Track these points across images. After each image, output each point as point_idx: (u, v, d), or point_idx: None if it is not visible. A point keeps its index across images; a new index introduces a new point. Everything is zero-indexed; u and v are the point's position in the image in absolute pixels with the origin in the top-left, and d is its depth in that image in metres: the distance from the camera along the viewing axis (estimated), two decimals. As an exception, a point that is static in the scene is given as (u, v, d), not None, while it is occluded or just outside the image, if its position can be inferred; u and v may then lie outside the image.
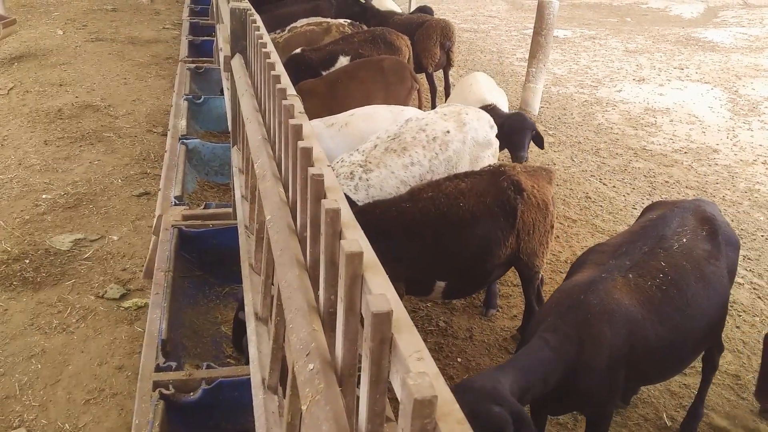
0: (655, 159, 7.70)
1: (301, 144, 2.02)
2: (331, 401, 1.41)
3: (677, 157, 7.81)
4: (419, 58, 7.66)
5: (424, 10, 8.57)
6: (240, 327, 3.66)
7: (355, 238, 1.51)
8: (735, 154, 7.94)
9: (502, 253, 3.72)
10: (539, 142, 5.44)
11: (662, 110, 9.44)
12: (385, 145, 4.37)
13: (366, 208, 3.68)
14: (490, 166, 4.10)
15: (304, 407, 1.46)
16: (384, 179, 4.23)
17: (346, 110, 5.07)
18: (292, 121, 2.20)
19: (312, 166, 1.98)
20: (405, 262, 3.57)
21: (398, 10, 9.74)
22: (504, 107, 5.85)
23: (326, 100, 5.43)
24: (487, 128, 4.67)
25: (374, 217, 3.56)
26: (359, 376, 1.51)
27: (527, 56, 9.47)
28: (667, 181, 7.09)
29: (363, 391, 1.31)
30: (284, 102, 2.39)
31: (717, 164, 7.64)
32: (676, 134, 8.55)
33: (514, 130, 5.21)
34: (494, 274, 3.93)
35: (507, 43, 13.45)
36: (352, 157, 4.34)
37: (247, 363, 3.47)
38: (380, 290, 1.36)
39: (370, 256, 1.49)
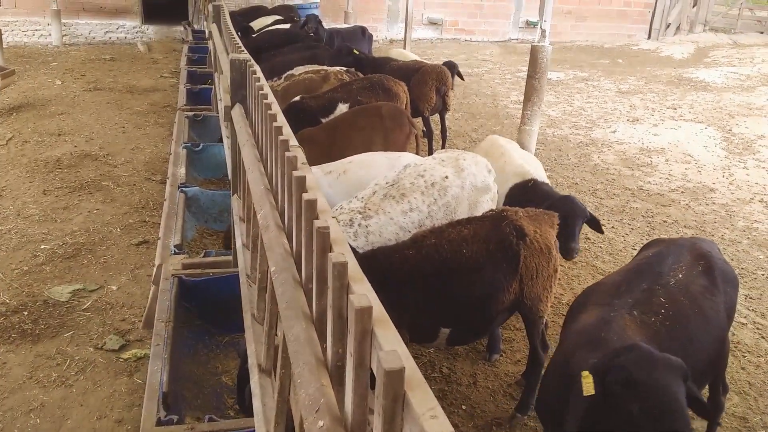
0: (652, 199, 7.74)
1: (305, 196, 2.03)
2: (343, 461, 1.38)
3: (674, 196, 7.85)
4: (416, 103, 7.75)
5: (450, 64, 8.58)
6: (243, 381, 3.62)
7: (363, 293, 1.51)
8: (732, 193, 7.99)
9: (505, 298, 3.71)
10: (597, 227, 4.70)
11: (657, 150, 9.53)
12: (383, 192, 4.38)
13: (368, 254, 3.67)
14: (492, 211, 4.11)
15: (314, 467, 1.43)
16: (383, 225, 4.23)
17: (345, 157, 5.11)
18: (295, 173, 2.20)
19: (317, 218, 1.98)
20: (409, 309, 3.55)
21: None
22: (542, 175, 5.29)
23: (326, 148, 5.47)
24: (485, 173, 4.69)
25: (377, 263, 3.55)
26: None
27: (521, 99, 9.58)
28: (665, 221, 7.11)
29: (376, 451, 1.29)
30: (287, 153, 2.41)
31: (714, 203, 7.67)
32: (672, 174, 8.61)
33: (563, 218, 4.29)
34: (498, 319, 3.90)
35: (501, 86, 13.64)
36: (351, 204, 4.35)
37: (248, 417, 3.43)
38: (391, 345, 1.34)
39: (378, 310, 1.48)
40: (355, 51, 8.85)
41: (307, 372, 1.67)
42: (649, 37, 20.73)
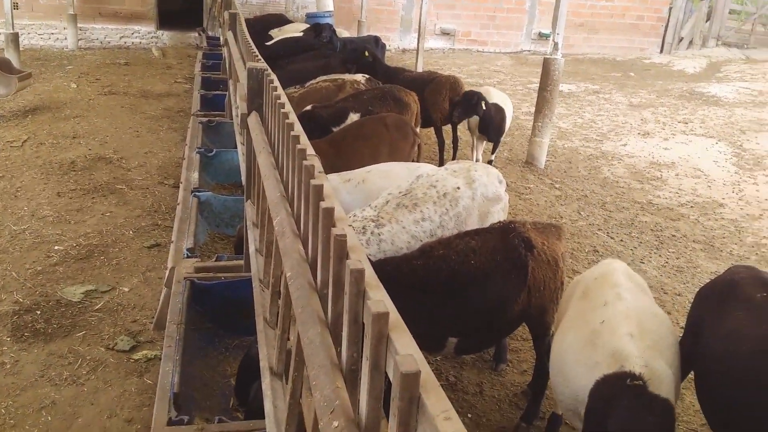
0: (661, 213, 7.76)
1: (323, 204, 2.07)
2: (358, 461, 1.42)
3: (683, 211, 7.87)
4: (429, 113, 7.81)
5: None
6: (244, 378, 3.68)
7: (380, 299, 1.55)
8: (741, 209, 7.99)
9: (513, 309, 3.74)
10: None
11: (667, 164, 9.55)
12: (396, 201, 4.44)
13: (377, 264, 3.71)
14: (500, 222, 4.15)
15: (330, 466, 1.47)
16: (395, 234, 4.28)
17: (351, 168, 5.17)
18: (313, 182, 2.25)
19: (334, 225, 2.03)
20: (416, 318, 3.58)
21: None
22: (661, 370, 2.87)
23: (332, 159, 5.48)
24: (496, 183, 4.74)
25: (385, 273, 3.58)
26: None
27: (532, 110, 9.65)
28: (674, 235, 7.13)
29: (391, 451, 1.33)
30: (305, 162, 2.46)
31: (723, 218, 7.68)
32: (681, 188, 8.63)
33: None
34: (506, 330, 3.94)
35: (512, 97, 13.62)
36: (365, 212, 4.41)
37: (247, 418, 3.49)
38: (407, 350, 1.39)
39: (395, 316, 1.53)
40: (366, 54, 8.89)
41: (323, 374, 1.72)
42: (661, 51, 20.75)
